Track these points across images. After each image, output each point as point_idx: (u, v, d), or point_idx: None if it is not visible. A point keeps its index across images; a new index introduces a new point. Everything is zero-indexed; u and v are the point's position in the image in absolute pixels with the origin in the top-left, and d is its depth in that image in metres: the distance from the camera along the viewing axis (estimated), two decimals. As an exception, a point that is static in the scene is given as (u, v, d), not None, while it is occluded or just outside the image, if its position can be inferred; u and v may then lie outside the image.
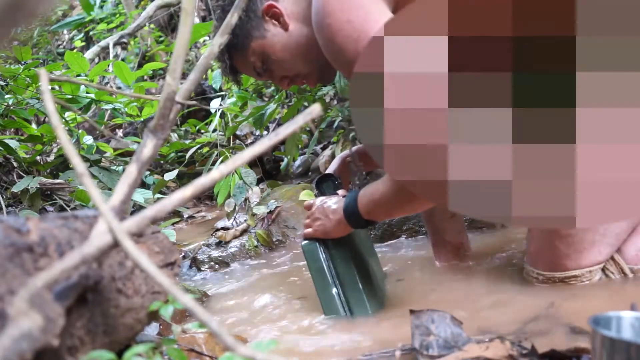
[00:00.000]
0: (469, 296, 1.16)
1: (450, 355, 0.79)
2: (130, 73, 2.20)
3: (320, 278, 1.18)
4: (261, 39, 1.22)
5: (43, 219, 0.66)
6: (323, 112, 1.99)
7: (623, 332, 0.70)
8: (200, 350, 0.94)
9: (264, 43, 1.22)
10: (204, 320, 0.48)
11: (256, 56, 1.24)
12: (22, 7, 0.39)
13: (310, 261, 1.20)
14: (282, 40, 1.21)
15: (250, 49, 1.23)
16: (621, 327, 0.70)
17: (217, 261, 1.84)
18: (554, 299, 1.01)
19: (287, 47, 1.21)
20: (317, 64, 1.23)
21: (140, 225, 0.58)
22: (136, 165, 0.69)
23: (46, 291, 0.51)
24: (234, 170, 0.60)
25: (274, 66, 1.25)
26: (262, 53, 1.23)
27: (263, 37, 1.21)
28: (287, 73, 1.26)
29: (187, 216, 2.60)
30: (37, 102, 2.07)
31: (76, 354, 0.61)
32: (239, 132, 2.95)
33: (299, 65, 1.24)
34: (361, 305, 1.15)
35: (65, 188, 2.10)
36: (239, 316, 1.30)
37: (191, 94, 1.06)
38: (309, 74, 1.26)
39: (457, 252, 1.41)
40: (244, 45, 1.23)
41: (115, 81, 3.75)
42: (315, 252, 1.19)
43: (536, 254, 1.16)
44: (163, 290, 0.76)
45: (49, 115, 0.61)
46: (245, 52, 1.24)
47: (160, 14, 4.42)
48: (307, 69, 1.25)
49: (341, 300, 1.16)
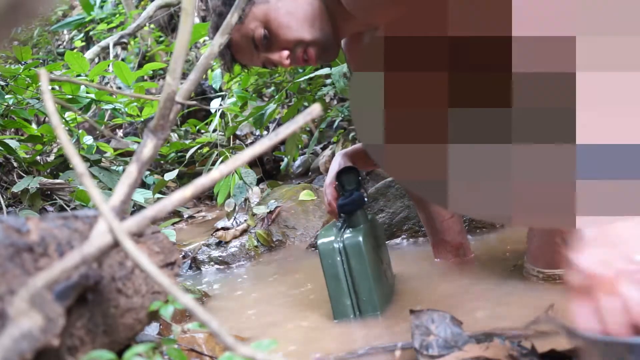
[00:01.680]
0: (468, 296, 1.16)
1: (450, 355, 0.79)
2: (130, 73, 2.20)
3: (334, 281, 1.14)
4: (264, 4, 1.17)
5: (43, 219, 0.66)
6: (323, 112, 1.99)
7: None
8: (200, 350, 0.94)
9: (267, 8, 1.17)
10: (204, 320, 0.48)
11: (257, 22, 1.18)
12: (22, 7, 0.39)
13: (325, 262, 1.14)
14: (285, 5, 1.17)
15: (252, 15, 1.18)
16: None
17: (217, 261, 1.84)
18: (554, 299, 1.01)
19: (291, 11, 1.17)
20: (321, 31, 1.19)
21: (140, 225, 0.58)
22: (136, 165, 0.69)
23: (46, 291, 0.51)
24: (234, 170, 0.60)
25: (276, 33, 1.19)
26: (265, 19, 1.18)
27: (267, 2, 1.17)
28: (288, 43, 1.20)
29: (187, 216, 2.60)
30: (37, 102, 2.07)
31: (76, 354, 0.61)
32: (239, 132, 2.95)
33: (303, 31, 1.18)
34: (372, 307, 1.12)
35: (66, 188, 2.10)
36: (239, 316, 1.30)
37: (191, 94, 1.06)
38: (311, 43, 1.20)
39: (456, 253, 1.41)
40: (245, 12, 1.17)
41: (116, 81, 3.75)
42: (332, 254, 1.13)
43: (536, 252, 1.16)
44: (163, 290, 0.76)
45: (49, 115, 0.61)
46: (245, 20, 1.18)
47: (160, 14, 4.42)
48: (310, 35, 1.18)
49: (352, 302, 1.13)
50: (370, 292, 1.12)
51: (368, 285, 1.12)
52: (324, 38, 1.20)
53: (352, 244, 1.13)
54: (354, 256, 1.12)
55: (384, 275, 1.22)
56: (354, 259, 1.12)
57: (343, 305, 1.13)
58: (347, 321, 1.13)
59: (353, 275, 1.13)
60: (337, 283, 1.13)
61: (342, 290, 1.13)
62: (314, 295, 1.33)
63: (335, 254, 1.13)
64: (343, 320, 1.13)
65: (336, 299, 1.14)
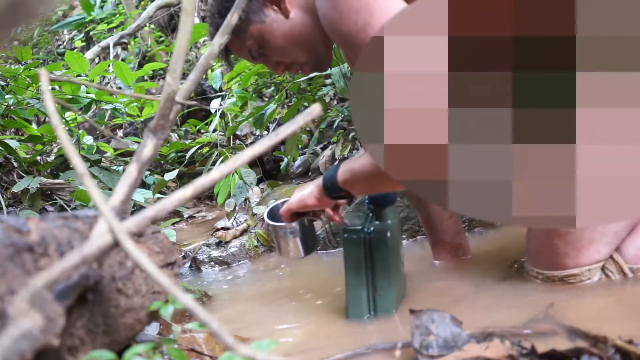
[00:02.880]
0: (468, 296, 1.16)
1: (450, 355, 0.79)
2: (130, 73, 2.20)
3: (354, 271, 1.12)
4: (260, 24, 1.19)
5: (43, 219, 0.66)
6: (323, 112, 1.99)
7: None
8: (201, 350, 0.94)
9: (263, 28, 1.19)
10: (204, 320, 0.48)
11: (253, 40, 1.21)
12: (22, 7, 0.39)
13: (348, 251, 1.13)
14: (281, 28, 1.19)
15: (248, 33, 1.20)
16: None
17: (217, 261, 1.84)
18: (553, 299, 1.01)
19: (286, 35, 1.19)
20: (315, 53, 1.22)
21: (140, 225, 0.58)
22: (136, 165, 0.69)
23: (46, 291, 0.51)
24: (234, 170, 0.60)
25: (271, 52, 1.22)
26: (260, 38, 1.20)
27: (262, 22, 1.19)
28: (283, 60, 1.24)
29: (187, 216, 2.60)
30: (38, 102, 2.07)
31: (76, 354, 0.61)
32: (239, 132, 2.95)
33: (297, 53, 1.22)
34: (388, 306, 1.11)
35: (66, 188, 2.10)
36: (239, 316, 1.30)
37: (191, 94, 1.06)
38: (305, 62, 1.24)
39: (455, 253, 1.41)
40: (242, 28, 1.19)
41: (116, 81, 3.75)
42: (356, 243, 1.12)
43: (535, 253, 1.16)
44: (163, 290, 0.76)
45: (49, 115, 0.61)
46: (242, 36, 1.21)
47: (160, 14, 4.42)
48: (304, 57, 1.22)
49: (368, 295, 1.12)
50: (389, 288, 1.12)
51: (387, 280, 1.11)
52: (317, 57, 1.23)
53: (378, 238, 1.12)
54: (378, 249, 1.12)
55: (401, 274, 1.22)
56: (377, 252, 1.11)
57: (359, 297, 1.12)
58: (347, 321, 1.13)
59: (374, 268, 1.12)
60: (357, 274, 1.12)
61: (361, 282, 1.12)
62: (314, 296, 1.33)
63: (360, 244, 1.12)
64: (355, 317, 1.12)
65: (353, 290, 1.13)
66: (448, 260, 1.41)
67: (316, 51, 1.21)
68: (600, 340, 0.78)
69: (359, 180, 1.08)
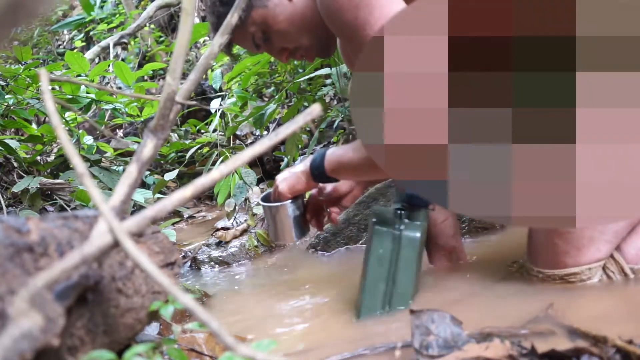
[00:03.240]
0: (468, 296, 1.16)
1: (450, 355, 0.79)
2: (130, 73, 2.20)
3: (377, 265, 1.12)
4: (263, 9, 1.18)
5: (43, 219, 0.66)
6: (323, 112, 1.99)
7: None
8: (201, 350, 0.94)
9: (266, 13, 1.19)
10: (204, 320, 0.48)
11: (256, 26, 1.20)
12: (22, 7, 0.39)
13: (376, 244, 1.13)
14: (284, 11, 1.19)
15: (251, 19, 1.19)
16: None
17: (217, 261, 1.84)
18: (554, 299, 1.01)
19: (289, 18, 1.19)
20: (319, 37, 1.21)
21: (140, 225, 0.58)
22: (136, 165, 0.69)
23: (46, 291, 0.51)
24: (234, 170, 0.60)
25: (275, 37, 1.22)
26: (264, 23, 1.20)
27: (265, 6, 1.18)
28: (287, 45, 1.24)
29: (187, 216, 2.60)
30: (38, 102, 2.07)
31: (76, 354, 0.61)
32: (239, 132, 2.95)
33: (301, 37, 1.21)
34: (404, 302, 1.11)
35: (66, 188, 2.10)
36: (239, 316, 1.30)
37: (191, 94, 1.06)
38: (310, 47, 1.24)
39: (449, 257, 1.37)
40: (244, 14, 1.19)
41: (116, 81, 3.75)
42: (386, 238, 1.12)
43: (536, 252, 1.16)
44: (163, 290, 0.76)
45: (49, 115, 0.61)
46: (245, 22, 1.20)
47: (160, 14, 4.42)
48: (309, 41, 1.22)
49: (387, 290, 1.12)
50: (408, 287, 1.12)
51: (409, 280, 1.12)
52: (321, 41, 1.23)
53: (410, 237, 1.13)
54: (406, 248, 1.12)
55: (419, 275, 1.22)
56: (405, 251, 1.12)
57: (376, 290, 1.12)
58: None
59: (398, 264, 1.12)
60: (380, 267, 1.12)
61: (382, 276, 1.12)
62: (314, 296, 1.33)
63: (389, 241, 1.13)
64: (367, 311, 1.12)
65: (372, 282, 1.12)
66: (442, 264, 1.38)
67: (320, 35, 1.20)
68: (600, 340, 0.78)
69: (347, 170, 1.15)
